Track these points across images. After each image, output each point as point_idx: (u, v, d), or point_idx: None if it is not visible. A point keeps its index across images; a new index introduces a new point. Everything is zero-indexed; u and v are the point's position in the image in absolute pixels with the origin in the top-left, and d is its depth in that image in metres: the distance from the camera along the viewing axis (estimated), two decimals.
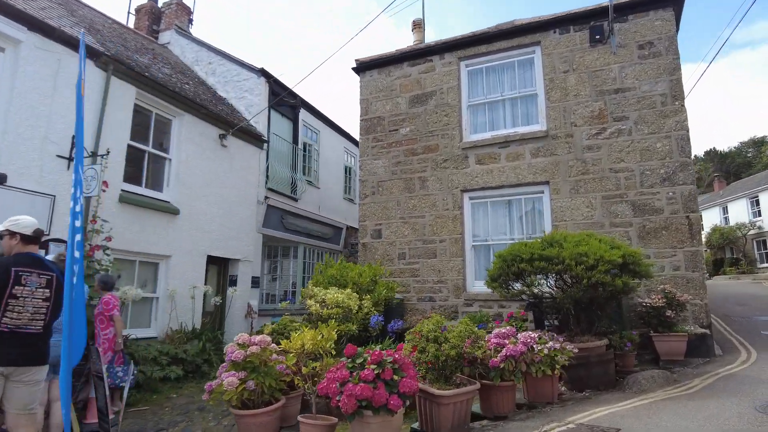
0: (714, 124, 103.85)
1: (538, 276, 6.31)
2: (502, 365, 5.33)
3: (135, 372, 7.06)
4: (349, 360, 4.72)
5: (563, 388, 6.73)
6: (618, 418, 4.85)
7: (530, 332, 5.74)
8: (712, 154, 74.59)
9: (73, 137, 8.10)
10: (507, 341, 5.65)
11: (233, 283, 11.65)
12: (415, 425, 5.23)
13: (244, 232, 11.98)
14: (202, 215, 10.73)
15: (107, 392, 6.06)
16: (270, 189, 12.98)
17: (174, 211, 10.00)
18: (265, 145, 12.90)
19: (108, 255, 8.06)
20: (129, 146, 9.30)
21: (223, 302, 11.33)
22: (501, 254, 6.71)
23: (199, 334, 9.40)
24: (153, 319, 9.62)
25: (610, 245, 6.60)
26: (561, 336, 6.68)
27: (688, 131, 8.55)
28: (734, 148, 73.14)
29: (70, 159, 7.99)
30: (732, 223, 31.25)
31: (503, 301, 8.83)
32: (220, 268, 11.82)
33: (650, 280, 8.00)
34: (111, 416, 6.66)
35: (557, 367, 5.68)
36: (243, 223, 11.96)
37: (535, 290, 6.76)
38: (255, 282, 12.37)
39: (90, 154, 8.15)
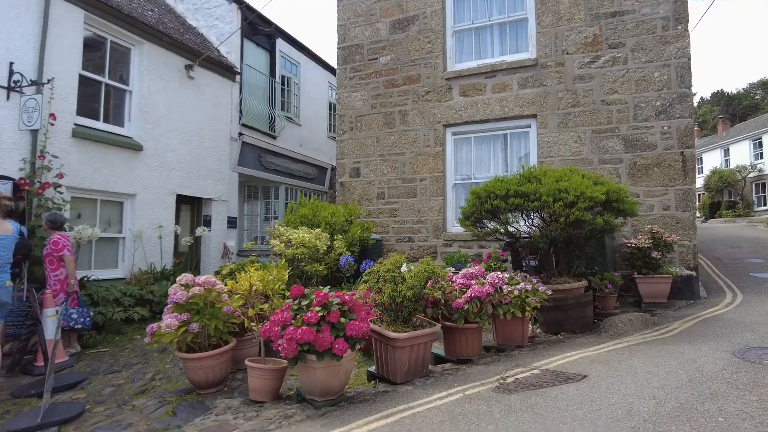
0: (723, 64, 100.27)
1: (513, 214, 5.82)
2: (466, 307, 4.96)
3: (91, 314, 6.75)
4: (295, 302, 4.32)
5: (538, 330, 6.45)
6: (587, 363, 4.52)
7: (500, 273, 5.33)
8: (718, 96, 72.50)
9: (11, 64, 7.36)
10: (473, 282, 5.25)
11: (207, 223, 11.22)
12: (372, 368, 4.93)
13: (217, 171, 11.40)
14: (169, 152, 10.11)
15: (54, 335, 5.76)
16: (245, 125, 12.26)
17: (137, 148, 9.37)
18: (238, 77, 12.04)
19: (61, 193, 7.55)
20: (81, 76, 8.53)
21: (198, 243, 10.96)
22: (475, 191, 6.19)
23: (169, 275, 9.07)
24: (120, 259, 9.26)
25: (594, 181, 6.07)
26: (537, 277, 6.31)
27: (689, 59, 7.78)
28: (742, 90, 71.02)
29: (9, 88, 7.27)
30: (733, 165, 30.56)
31: (483, 241, 8.42)
32: (193, 208, 11.35)
33: (638, 219, 7.56)
34: (66, 358, 6.42)
35: (528, 309, 5.32)
36: (216, 161, 11.36)
37: (511, 229, 6.30)
38: (232, 222, 11.94)
39: (30, 82, 7.42)
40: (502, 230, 6.16)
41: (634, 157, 7.93)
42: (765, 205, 27.63)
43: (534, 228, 6.21)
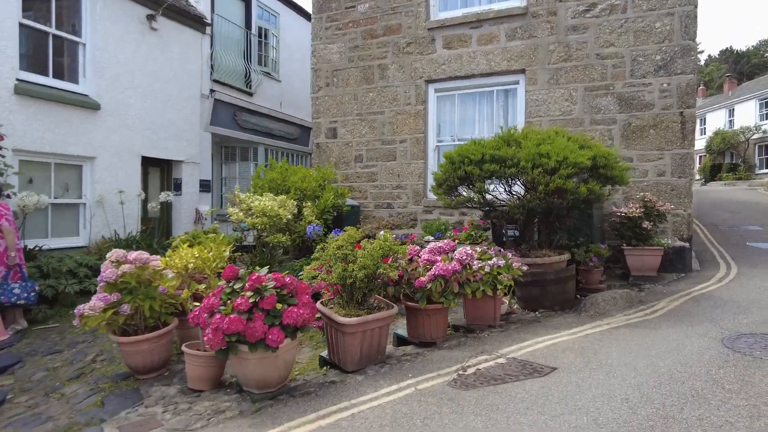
0: (733, 20, 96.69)
1: (489, 181, 5.23)
2: (429, 286, 4.46)
3: (36, 288, 6.28)
4: (228, 284, 3.81)
5: (516, 306, 6.01)
6: (560, 351, 4.06)
7: (468, 248, 4.79)
8: (727, 54, 70.20)
9: None
10: (439, 258, 4.73)
11: (177, 187, 10.63)
12: (325, 353, 4.49)
13: (187, 131, 10.70)
14: (131, 111, 9.39)
15: None
16: (217, 81, 11.45)
17: (94, 106, 8.66)
18: (208, 29, 11.12)
19: (3, 156, 6.91)
20: (22, 26, 7.71)
21: (168, 208, 10.41)
22: (449, 155, 5.57)
23: (132, 243, 8.56)
24: (81, 227, 8.73)
25: (580, 145, 5.44)
26: (511, 251, 5.80)
27: (696, 7, 6.97)
28: (752, 47, 68.66)
29: None
30: (737, 126, 29.59)
31: (465, 208, 7.86)
32: (163, 172, 10.72)
33: (630, 186, 7.00)
34: (6, 336, 5.99)
35: (500, 287, 4.83)
36: (185, 121, 10.64)
37: (489, 197, 5.73)
38: (205, 186, 11.35)
39: None
40: (477, 199, 5.58)
41: (628, 117, 7.25)
42: (766, 168, 26.91)
43: (514, 196, 5.64)
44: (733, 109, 31.00)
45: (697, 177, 33.04)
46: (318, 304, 4.36)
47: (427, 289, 4.49)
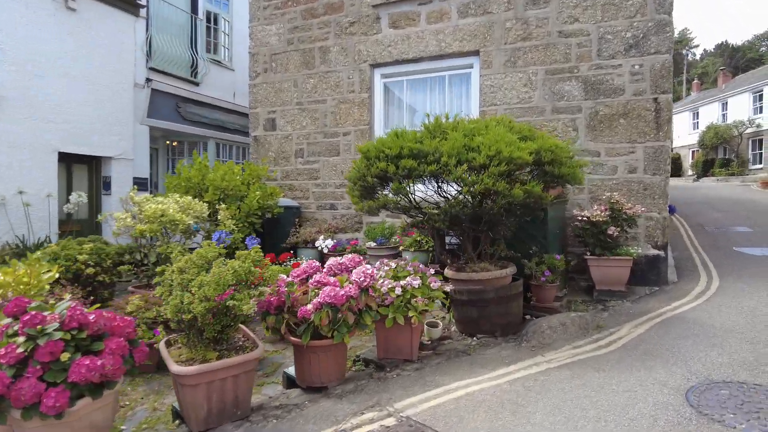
0: (729, 14, 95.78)
1: (408, 180, 4.19)
2: (313, 318, 3.45)
3: None
4: (12, 322, 2.79)
5: (453, 329, 5.02)
6: (471, 408, 3.05)
7: (369, 266, 3.78)
8: (722, 48, 69.45)
9: None
10: (333, 280, 3.71)
11: (107, 186, 9.56)
12: (177, 403, 3.48)
13: (118, 124, 9.61)
14: (45, 101, 8.30)
15: None
16: (155, 69, 10.36)
17: None
18: (143, 11, 10.03)
19: None
20: None
21: (96, 209, 9.35)
22: (365, 148, 4.53)
23: (36, 249, 7.49)
24: None
25: (523, 136, 4.43)
26: (453, 263, 4.82)
27: None
28: (747, 41, 67.86)
29: None
30: (730, 120, 28.60)
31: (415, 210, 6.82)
32: (91, 169, 9.65)
33: (597, 185, 6.01)
34: None
35: (413, 314, 3.83)
36: (116, 113, 9.55)
37: (418, 198, 4.71)
38: (141, 184, 10.26)
39: None
40: (400, 202, 4.56)
41: (595, 104, 6.23)
42: (760, 163, 25.94)
43: (445, 197, 4.62)
44: (726, 103, 30.03)
45: (690, 172, 32.14)
46: (161, 344, 3.35)
47: (311, 321, 3.48)
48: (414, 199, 4.72)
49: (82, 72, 8.85)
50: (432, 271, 4.23)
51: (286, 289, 3.68)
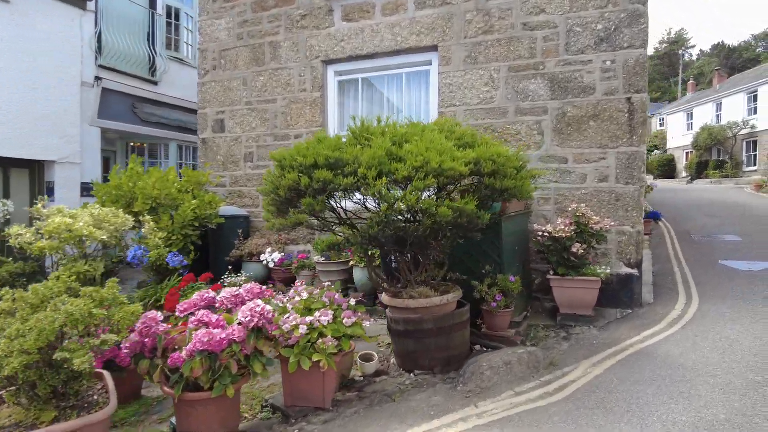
0: (727, 14, 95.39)
1: (323, 195, 3.54)
2: (184, 366, 2.81)
3: None
4: None
5: (393, 362, 4.38)
6: None
7: (260, 302, 3.12)
8: (718, 48, 69.12)
9: None
10: (217, 318, 3.06)
11: (51, 191, 8.89)
12: None
13: (62, 125, 8.93)
14: None
15: None
16: (105, 67, 9.68)
17: None
18: (90, 4, 9.35)
19: None
20: None
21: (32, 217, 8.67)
22: (280, 156, 3.87)
23: None
24: None
25: (465, 142, 3.79)
26: (391, 287, 4.19)
27: None
28: (744, 42, 67.53)
29: None
30: (724, 121, 27.99)
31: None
32: (33, 174, 8.97)
33: (563, 195, 5.39)
34: None
35: (322, 357, 3.18)
36: (59, 113, 8.87)
37: (342, 214, 4.06)
38: (90, 189, 9.59)
39: None
40: (329, 216, 3.91)
41: (562, 105, 5.60)
42: (754, 164, 25.34)
43: (372, 215, 3.96)
44: (721, 103, 29.45)
45: (684, 174, 31.56)
46: None
47: (181, 372, 2.83)
48: (344, 213, 4.08)
49: (18, 69, 8.17)
50: (352, 301, 3.58)
51: (161, 328, 3.04)
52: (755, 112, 25.91)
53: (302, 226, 3.76)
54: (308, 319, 3.25)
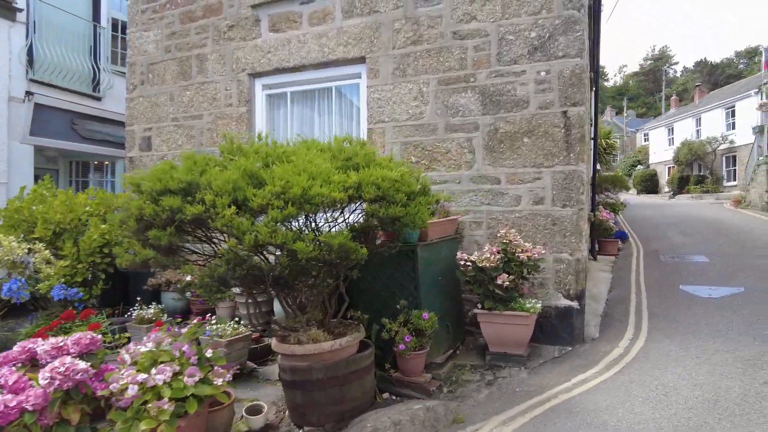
0: (711, 32, 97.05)
1: (171, 226, 2.99)
2: None
3: None
4: None
5: (286, 414, 3.80)
6: None
7: (70, 359, 2.55)
8: (702, 65, 70.19)
9: None
10: (18, 377, 2.48)
11: None
12: None
13: None
14: None
15: None
16: (39, 82, 9.14)
17: None
18: (21, 15, 8.86)
19: None
20: None
21: None
22: (138, 179, 3.32)
23: None
24: None
25: (352, 163, 3.27)
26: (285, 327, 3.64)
27: None
28: (726, 59, 68.58)
29: None
30: (704, 136, 27.89)
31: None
32: None
33: (496, 219, 4.89)
34: None
35: (154, 424, 2.60)
36: None
37: (216, 248, 3.49)
38: None
39: None
40: (183, 252, 3.35)
41: (495, 120, 5.11)
42: (734, 180, 25.11)
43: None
44: (700, 119, 29.42)
45: (666, 189, 31.35)
46: None
47: None
48: (215, 249, 3.52)
49: None
50: (209, 353, 3.01)
51: None
52: (734, 128, 25.83)
53: (151, 262, 3.19)
54: (140, 377, 2.67)
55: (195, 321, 4.51)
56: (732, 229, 12.40)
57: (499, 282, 4.31)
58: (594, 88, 17.87)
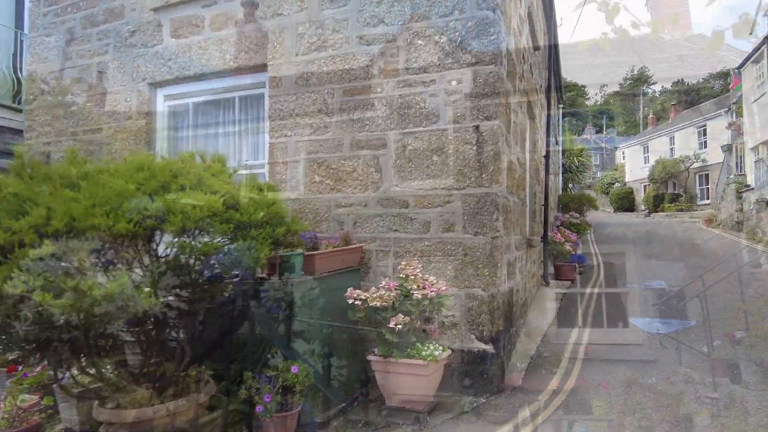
0: (688, 52, 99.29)
1: None
2: None
3: None
4: None
5: None
6: None
7: None
8: (679, 86, 71.55)
9: None
10: None
11: None
12: None
13: None
14: None
15: None
16: None
17: None
18: None
19: None
20: None
21: None
22: None
23: None
24: None
25: (160, 184, 2.61)
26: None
27: None
28: (702, 80, 70.02)
29: None
30: (678, 154, 27.86)
31: None
32: None
33: (402, 247, 4.26)
34: None
35: None
36: None
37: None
38: None
39: None
40: None
41: (403, 136, 4.51)
42: (707, 198, 24.98)
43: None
44: (674, 137, 29.43)
45: (642, 207, 31.18)
46: None
47: None
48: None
49: None
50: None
51: None
52: (705, 146, 25.79)
53: None
54: None
55: None
56: (698, 250, 12.02)
57: (391, 325, 3.64)
58: (560, 105, 17.46)
